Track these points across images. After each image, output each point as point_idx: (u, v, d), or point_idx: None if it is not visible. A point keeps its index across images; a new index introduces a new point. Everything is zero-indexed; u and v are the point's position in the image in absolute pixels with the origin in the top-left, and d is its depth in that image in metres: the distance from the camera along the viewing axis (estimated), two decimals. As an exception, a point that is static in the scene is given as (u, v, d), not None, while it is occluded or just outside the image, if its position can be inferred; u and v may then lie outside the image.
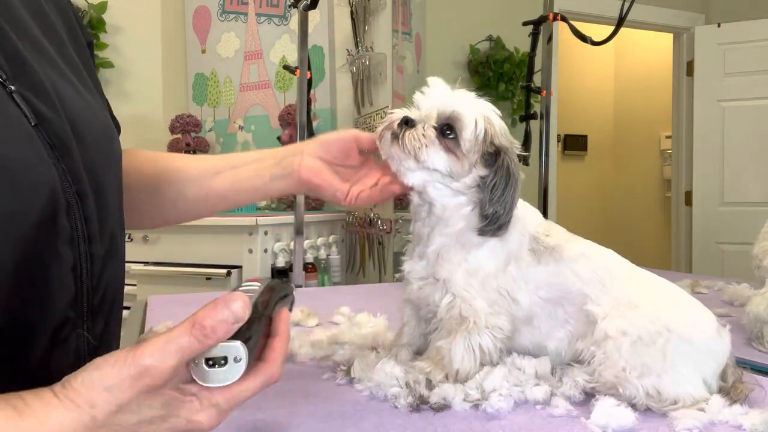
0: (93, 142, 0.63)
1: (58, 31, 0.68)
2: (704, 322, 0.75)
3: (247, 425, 0.68)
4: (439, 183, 0.78)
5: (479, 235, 0.77)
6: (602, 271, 0.78)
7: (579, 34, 2.05)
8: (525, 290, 0.79)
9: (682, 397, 0.70)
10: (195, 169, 0.89)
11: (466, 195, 0.78)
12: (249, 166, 0.88)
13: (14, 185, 0.51)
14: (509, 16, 3.47)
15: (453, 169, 0.76)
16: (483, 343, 0.77)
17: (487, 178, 0.77)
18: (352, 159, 0.87)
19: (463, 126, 0.76)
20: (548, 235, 0.81)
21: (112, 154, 0.68)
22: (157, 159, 0.90)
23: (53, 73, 0.62)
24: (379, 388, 0.76)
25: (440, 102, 0.78)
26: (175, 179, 0.88)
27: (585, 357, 0.76)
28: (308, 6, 1.91)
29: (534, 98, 2.30)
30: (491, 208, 0.75)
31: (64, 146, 0.58)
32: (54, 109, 0.58)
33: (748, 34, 4.10)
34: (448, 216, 0.79)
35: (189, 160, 0.91)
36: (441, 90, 0.80)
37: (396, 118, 0.78)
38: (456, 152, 0.76)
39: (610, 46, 4.64)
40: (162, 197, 0.88)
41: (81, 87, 0.66)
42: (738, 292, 1.38)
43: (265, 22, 3.27)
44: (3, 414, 0.45)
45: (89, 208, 0.61)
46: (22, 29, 0.61)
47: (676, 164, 4.50)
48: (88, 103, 0.66)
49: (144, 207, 0.88)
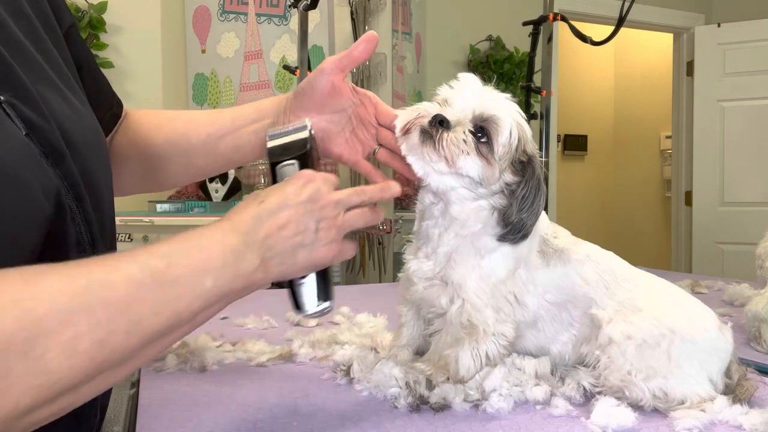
0: (83, 147, 0.63)
1: (36, 27, 0.67)
2: (706, 321, 0.75)
3: (247, 425, 0.68)
4: (463, 188, 0.75)
5: (498, 241, 0.75)
6: (606, 274, 0.77)
7: (579, 34, 2.05)
8: (533, 293, 0.78)
9: (689, 396, 0.70)
10: (201, 135, 0.86)
11: (488, 200, 0.76)
12: (248, 127, 0.84)
13: (24, 193, 0.52)
14: (509, 16, 3.47)
15: (485, 175, 0.73)
16: (489, 351, 0.76)
17: (513, 185, 0.74)
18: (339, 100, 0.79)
19: (500, 131, 0.73)
20: (556, 236, 0.80)
21: (102, 157, 0.68)
22: (162, 126, 0.88)
23: (38, 78, 0.61)
24: (378, 388, 0.76)
25: (475, 102, 0.74)
26: (184, 148, 0.87)
27: (590, 361, 0.76)
28: (308, 6, 1.91)
29: (534, 98, 2.30)
30: (518, 216, 0.73)
31: (57, 153, 0.58)
32: (43, 117, 0.58)
33: (748, 34, 4.11)
34: (465, 218, 0.76)
35: (194, 124, 0.88)
36: (474, 88, 0.76)
37: (426, 114, 0.74)
38: (488, 158, 0.73)
39: (610, 46, 4.65)
40: (173, 165, 0.89)
41: (66, 90, 0.66)
42: (738, 292, 1.38)
43: (265, 22, 3.27)
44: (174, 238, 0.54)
45: (88, 211, 0.62)
46: (5, 32, 0.61)
47: (676, 164, 4.52)
48: (75, 108, 0.66)
49: (156, 174, 0.89)
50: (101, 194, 0.66)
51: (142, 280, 0.49)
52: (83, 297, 0.45)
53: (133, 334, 0.48)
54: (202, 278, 0.53)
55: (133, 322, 0.48)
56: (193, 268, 0.53)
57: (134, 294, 0.48)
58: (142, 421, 0.70)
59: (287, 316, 1.20)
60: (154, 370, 0.88)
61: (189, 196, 3.15)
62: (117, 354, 0.47)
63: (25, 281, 0.44)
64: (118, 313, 0.47)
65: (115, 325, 0.46)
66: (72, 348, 0.44)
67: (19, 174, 0.52)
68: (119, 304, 0.47)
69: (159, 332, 0.50)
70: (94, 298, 0.46)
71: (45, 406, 0.44)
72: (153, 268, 0.50)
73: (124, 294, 0.47)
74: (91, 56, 0.82)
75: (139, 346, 0.49)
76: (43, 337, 0.43)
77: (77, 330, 0.44)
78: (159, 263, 0.51)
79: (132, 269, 0.49)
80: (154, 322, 0.49)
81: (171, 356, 0.89)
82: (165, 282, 0.50)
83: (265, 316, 1.17)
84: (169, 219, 2.73)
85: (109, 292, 0.47)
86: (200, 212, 2.86)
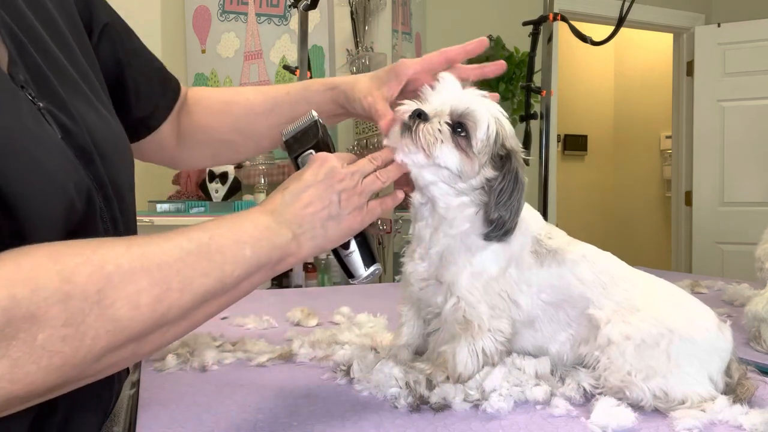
0: (110, 150, 0.68)
1: (64, 33, 0.70)
2: (705, 320, 0.75)
3: (247, 425, 0.68)
4: (443, 183, 0.76)
5: (485, 240, 0.76)
6: (603, 274, 0.78)
7: (579, 34, 2.05)
8: (526, 293, 0.78)
9: (690, 396, 0.70)
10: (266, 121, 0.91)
11: (470, 196, 0.77)
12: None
13: (61, 190, 0.57)
14: (509, 16, 3.47)
15: (463, 168, 0.74)
16: (486, 347, 0.76)
17: (494, 181, 0.75)
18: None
19: (477, 125, 0.74)
20: (550, 237, 0.80)
21: (124, 160, 0.73)
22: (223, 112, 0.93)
23: (67, 86, 0.66)
24: (378, 388, 0.76)
25: (453, 99, 0.76)
26: (249, 134, 0.93)
27: (589, 362, 0.76)
28: (308, 6, 1.91)
29: (534, 98, 2.30)
30: (497, 212, 0.74)
31: (87, 156, 0.63)
32: (74, 121, 0.63)
33: (748, 34, 4.11)
34: (452, 216, 0.77)
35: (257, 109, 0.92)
36: (452, 86, 0.78)
37: (407, 109, 0.76)
38: (467, 151, 0.74)
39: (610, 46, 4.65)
40: (242, 147, 0.96)
41: (92, 96, 0.70)
42: (738, 292, 1.38)
43: (265, 22, 3.27)
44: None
45: (115, 210, 0.67)
46: (37, 40, 0.65)
47: (676, 164, 4.52)
48: (100, 113, 0.69)
49: (226, 154, 0.97)
50: (125, 195, 0.71)
51: (190, 248, 0.56)
52: (142, 260, 0.52)
53: (185, 293, 0.55)
54: (242, 248, 0.60)
55: (185, 282, 0.55)
56: (233, 240, 0.60)
57: (184, 259, 0.55)
58: (142, 421, 0.70)
59: (287, 316, 1.20)
60: (155, 370, 0.88)
61: (189, 196, 3.15)
62: (173, 310, 0.54)
63: (92, 247, 0.51)
64: (172, 274, 0.54)
65: (170, 284, 0.53)
66: (135, 301, 0.51)
67: (57, 173, 0.57)
68: (172, 267, 0.54)
69: (208, 293, 0.57)
70: (151, 262, 0.53)
71: (114, 351, 0.51)
72: (198, 240, 0.57)
73: (175, 259, 0.55)
74: (139, 48, 0.86)
75: (191, 304, 0.56)
76: (112, 289, 0.50)
77: (138, 286, 0.51)
78: (203, 236, 0.58)
79: (181, 240, 0.56)
80: (204, 283, 0.56)
81: (171, 356, 0.90)
82: (210, 250, 0.57)
83: (265, 316, 1.17)
84: (169, 219, 2.73)
85: (163, 258, 0.54)
86: (200, 212, 2.86)
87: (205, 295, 0.57)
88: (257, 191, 2.97)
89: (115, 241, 0.54)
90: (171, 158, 0.96)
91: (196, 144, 0.94)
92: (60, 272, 0.47)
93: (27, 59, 0.62)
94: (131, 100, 0.84)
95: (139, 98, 0.85)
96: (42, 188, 0.54)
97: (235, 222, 0.62)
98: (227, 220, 0.62)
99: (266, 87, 0.94)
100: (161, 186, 3.24)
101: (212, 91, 0.97)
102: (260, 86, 0.97)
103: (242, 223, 0.62)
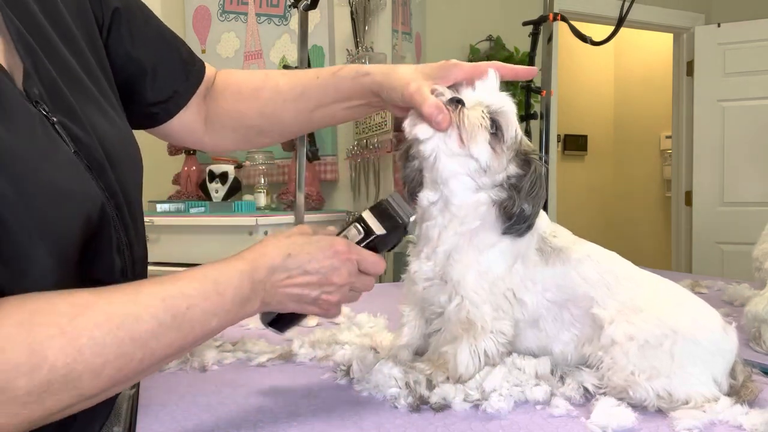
0: (119, 158, 0.69)
1: (74, 33, 0.71)
2: (710, 321, 0.75)
3: (247, 425, 0.68)
4: (466, 176, 0.76)
5: (504, 234, 0.76)
6: (607, 274, 0.77)
7: (579, 34, 2.05)
8: (532, 291, 0.78)
9: (693, 396, 0.70)
10: (294, 107, 0.90)
11: (488, 193, 0.77)
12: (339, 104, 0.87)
13: (75, 206, 0.59)
14: (509, 16, 3.47)
15: (491, 163, 0.75)
16: (488, 349, 0.76)
17: (514, 177, 0.76)
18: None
19: (509, 124, 0.75)
20: (555, 236, 0.80)
21: (134, 167, 0.74)
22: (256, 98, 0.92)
23: (80, 94, 0.67)
24: (378, 389, 0.76)
25: (488, 95, 0.76)
26: (277, 119, 0.92)
27: (592, 362, 0.76)
28: (308, 6, 1.91)
29: (534, 98, 2.30)
30: (520, 205, 0.74)
31: (99, 166, 0.65)
32: (87, 132, 0.64)
33: (748, 34, 4.11)
34: (464, 214, 0.77)
35: (286, 95, 0.90)
36: (492, 84, 0.77)
37: (444, 93, 0.75)
38: (496, 147, 0.75)
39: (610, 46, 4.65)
40: (270, 132, 0.95)
41: (102, 101, 0.70)
42: (738, 292, 1.38)
43: (265, 22, 3.27)
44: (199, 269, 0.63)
45: (126, 218, 0.68)
46: (58, 57, 0.66)
47: (676, 164, 4.51)
48: (110, 119, 0.70)
49: (256, 139, 0.97)
50: (134, 201, 0.72)
51: (164, 320, 0.57)
52: (116, 332, 0.54)
53: (145, 362, 0.57)
54: (210, 319, 0.61)
55: (148, 353, 0.57)
56: (206, 311, 0.61)
57: (156, 333, 0.57)
58: (142, 421, 0.70)
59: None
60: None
61: (189, 196, 3.15)
62: (130, 376, 0.57)
63: (72, 314, 0.53)
64: (139, 346, 0.56)
65: (134, 355, 0.56)
66: (99, 372, 0.53)
67: (70, 190, 0.59)
68: (141, 340, 0.56)
69: (165, 359, 0.60)
70: (124, 334, 0.55)
71: (67, 410, 0.54)
72: (175, 310, 0.58)
73: (148, 333, 0.56)
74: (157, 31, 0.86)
75: (147, 369, 0.58)
76: (81, 363, 0.52)
77: (106, 359, 0.53)
78: (182, 304, 0.59)
79: (158, 310, 0.57)
80: (165, 353, 0.59)
81: (171, 356, 0.90)
82: (182, 323, 0.59)
83: (265, 316, 1.17)
84: (169, 219, 2.73)
85: (137, 330, 0.56)
86: (200, 212, 2.86)
87: (163, 360, 0.60)
88: (257, 191, 2.97)
89: (97, 303, 0.55)
90: (200, 142, 0.96)
91: (224, 129, 0.94)
92: (30, 345, 0.50)
93: (42, 71, 0.63)
94: (148, 85, 0.84)
95: (157, 82, 0.85)
96: (57, 207, 0.57)
97: (217, 288, 0.62)
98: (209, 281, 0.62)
99: (295, 72, 0.93)
100: (161, 186, 3.24)
101: (242, 76, 0.95)
102: (291, 71, 0.95)
103: (222, 290, 0.62)
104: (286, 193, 2.99)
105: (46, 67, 0.64)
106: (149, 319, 0.56)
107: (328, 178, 3.19)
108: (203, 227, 2.63)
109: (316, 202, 3.02)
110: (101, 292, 0.56)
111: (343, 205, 3.20)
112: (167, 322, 0.57)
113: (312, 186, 3.00)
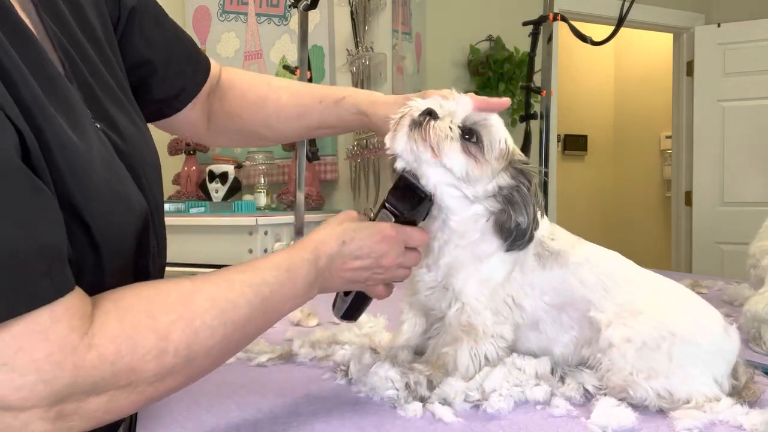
0: (149, 166, 0.70)
1: (99, 37, 0.70)
2: (710, 322, 0.75)
3: (247, 425, 0.68)
4: (451, 186, 0.76)
5: (507, 252, 0.77)
6: (606, 276, 0.78)
7: (579, 34, 2.05)
8: (530, 295, 0.79)
9: (694, 395, 0.70)
10: (295, 124, 0.95)
11: (483, 204, 0.77)
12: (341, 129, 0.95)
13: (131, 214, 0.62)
14: (509, 16, 3.47)
15: (471, 172, 0.75)
16: (488, 352, 0.77)
17: (506, 189, 0.76)
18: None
19: (491, 132, 0.76)
20: (553, 239, 0.80)
21: (158, 173, 0.76)
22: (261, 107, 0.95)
23: (111, 101, 0.67)
24: (374, 391, 0.76)
25: (466, 111, 0.77)
26: (278, 131, 0.97)
27: (591, 364, 0.76)
28: (308, 6, 1.91)
29: (534, 98, 2.30)
30: (515, 219, 0.75)
31: (135, 173, 0.66)
32: (123, 140, 0.65)
33: (748, 34, 4.11)
34: (464, 230, 0.78)
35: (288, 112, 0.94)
36: (465, 105, 0.78)
37: (417, 108, 0.76)
38: (477, 156, 0.75)
39: (610, 46, 4.65)
40: (270, 139, 1.01)
41: (129, 107, 0.71)
42: (738, 292, 1.38)
43: (265, 22, 3.27)
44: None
45: (157, 224, 0.70)
46: (91, 65, 0.66)
47: (676, 164, 4.51)
48: (137, 125, 0.71)
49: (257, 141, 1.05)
50: (161, 209, 0.74)
51: (255, 305, 0.62)
52: (221, 317, 0.59)
53: (240, 344, 0.64)
54: (286, 304, 0.67)
55: (243, 336, 0.63)
56: (284, 297, 0.66)
57: (250, 316, 0.62)
58: (142, 421, 0.70)
59: (287, 316, 1.19)
60: (154, 370, 0.88)
61: (189, 196, 3.14)
62: (226, 357, 0.63)
63: (184, 302, 0.57)
64: (238, 329, 0.61)
65: (233, 338, 0.61)
66: (208, 353, 0.58)
67: (127, 197, 0.62)
68: (240, 323, 0.61)
69: (251, 340, 0.66)
70: (227, 318, 0.59)
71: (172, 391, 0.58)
72: (263, 295, 0.63)
73: (244, 317, 0.61)
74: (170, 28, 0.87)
75: (236, 351, 0.64)
76: (198, 344, 0.56)
77: (215, 341, 0.58)
78: (266, 291, 0.64)
79: (250, 296, 0.62)
80: (254, 335, 0.65)
81: (171, 356, 0.89)
82: (267, 307, 0.64)
83: (265, 316, 1.16)
84: (169, 219, 2.70)
85: (236, 315, 0.60)
86: (200, 212, 2.86)
87: (249, 342, 0.66)
88: (257, 191, 2.97)
89: (199, 291, 0.59)
90: (201, 137, 0.99)
91: (227, 130, 0.97)
92: (156, 330, 0.54)
93: (79, 78, 0.62)
94: (157, 82, 0.85)
95: (166, 79, 0.86)
96: (119, 214, 0.60)
97: (291, 276, 0.67)
98: (285, 269, 0.66)
99: (299, 88, 0.97)
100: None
101: (246, 80, 0.97)
102: (293, 84, 0.99)
103: (296, 278, 0.67)
104: (286, 193, 2.99)
105: (83, 73, 0.63)
106: (245, 305, 0.61)
107: (328, 178, 3.19)
108: (203, 227, 2.63)
109: (316, 202, 3.02)
110: (195, 281, 0.60)
111: (343, 205, 3.20)
112: (258, 308, 0.62)
113: (312, 186, 3.00)
